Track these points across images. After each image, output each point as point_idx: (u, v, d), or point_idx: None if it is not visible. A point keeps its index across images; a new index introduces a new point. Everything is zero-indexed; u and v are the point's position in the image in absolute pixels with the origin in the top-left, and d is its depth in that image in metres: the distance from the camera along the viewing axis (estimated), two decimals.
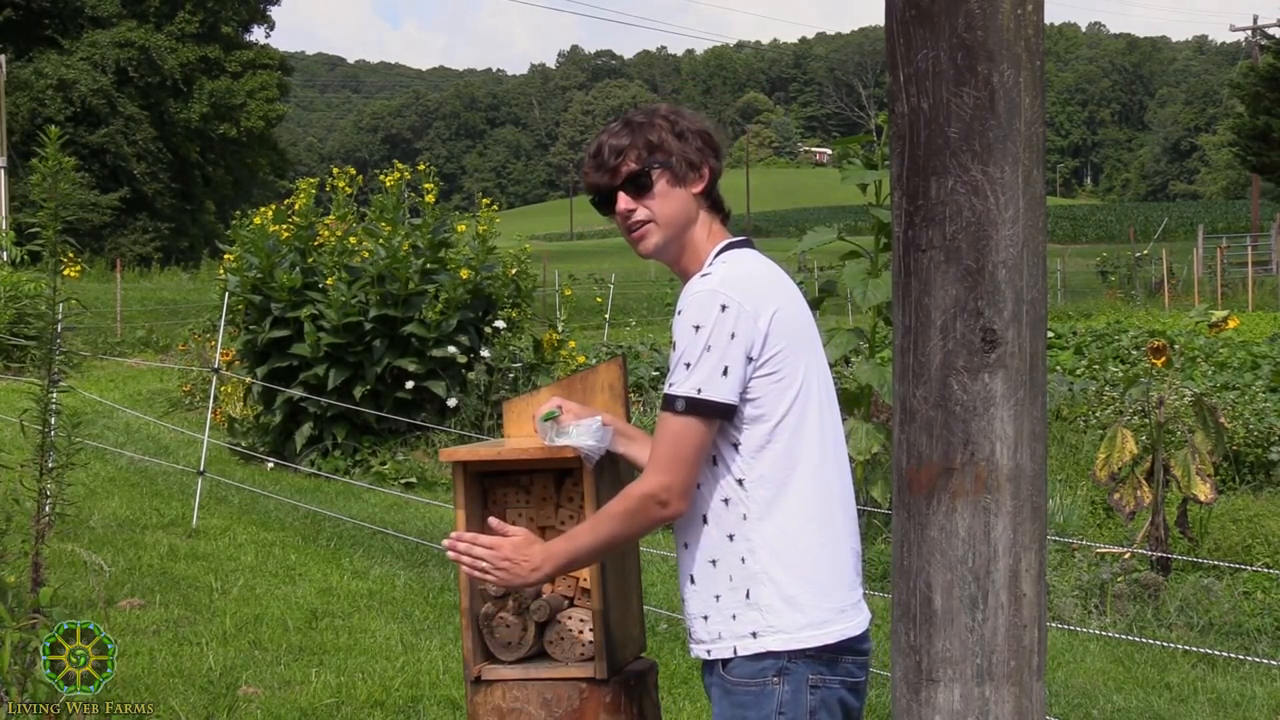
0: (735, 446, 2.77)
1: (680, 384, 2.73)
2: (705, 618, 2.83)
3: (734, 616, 2.79)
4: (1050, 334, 17.68)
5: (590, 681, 2.96)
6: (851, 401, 8.04)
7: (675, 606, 7.51)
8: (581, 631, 3.03)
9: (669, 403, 2.74)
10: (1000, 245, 1.78)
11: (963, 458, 1.78)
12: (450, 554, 2.92)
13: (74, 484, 5.87)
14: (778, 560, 2.76)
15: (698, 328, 2.72)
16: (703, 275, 2.80)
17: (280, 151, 67.90)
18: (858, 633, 2.82)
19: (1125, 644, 6.89)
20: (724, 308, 2.71)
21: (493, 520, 2.94)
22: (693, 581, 2.85)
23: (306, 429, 12.16)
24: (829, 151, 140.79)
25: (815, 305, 7.48)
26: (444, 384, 11.97)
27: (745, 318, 2.72)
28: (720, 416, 2.73)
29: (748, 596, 2.77)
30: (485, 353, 12.09)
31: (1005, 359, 1.78)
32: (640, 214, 2.90)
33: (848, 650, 2.80)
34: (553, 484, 3.08)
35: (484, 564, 2.87)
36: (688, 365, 2.72)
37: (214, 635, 7.08)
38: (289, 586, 8.17)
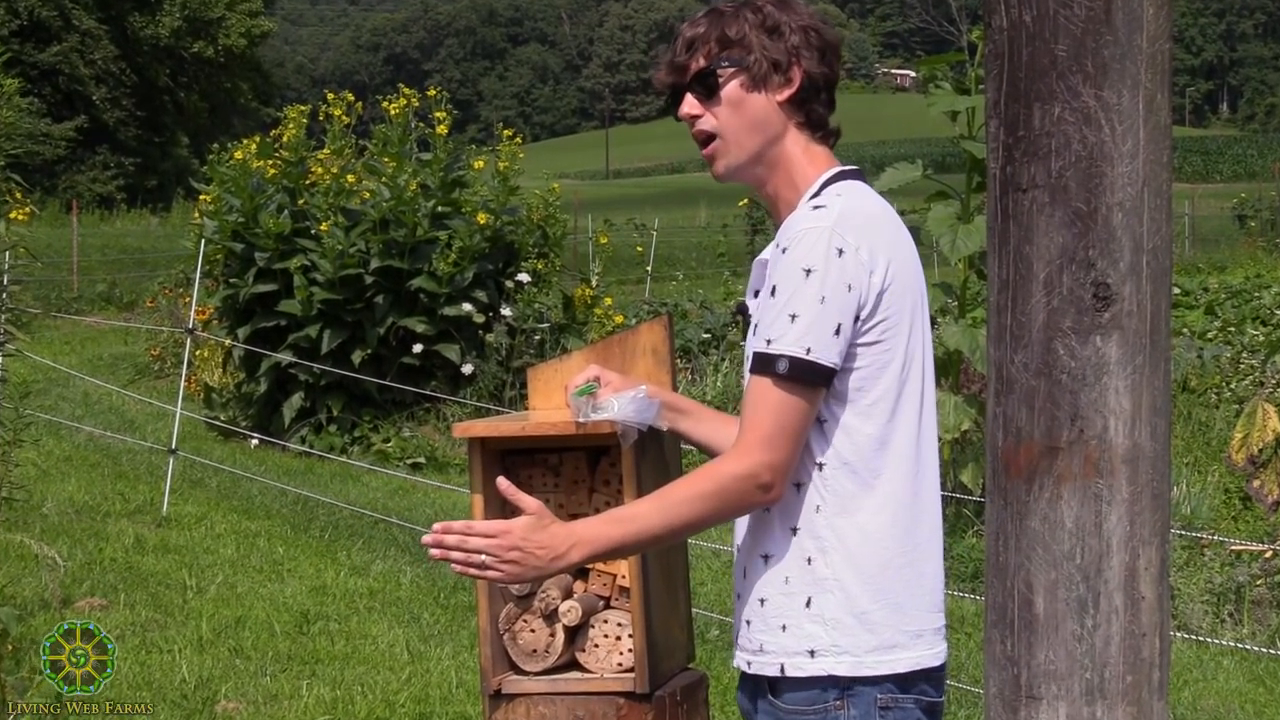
0: (820, 423, 2.65)
1: (784, 340, 2.58)
2: (748, 623, 2.76)
3: (784, 628, 2.69)
4: (1176, 290, 17.57)
5: (629, 696, 2.96)
6: (938, 370, 8.03)
7: (728, 609, 7.53)
8: (619, 638, 3.03)
9: (767, 363, 2.59)
10: (1116, 184, 1.77)
11: (1070, 435, 1.78)
12: (433, 553, 2.72)
13: (24, 464, 5.94)
14: (853, 566, 2.65)
15: (809, 271, 2.57)
16: (814, 206, 2.66)
17: (265, 74, 68.13)
18: (935, 664, 2.73)
19: (1266, 659, 6.87)
20: (840, 252, 2.58)
21: (501, 482, 2.76)
22: (744, 576, 2.78)
23: (296, 400, 12.24)
24: (912, 74, 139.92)
25: None
26: (458, 348, 12.03)
27: (862, 269, 2.59)
28: (825, 383, 2.60)
29: (809, 605, 2.67)
30: (506, 311, 12.13)
31: (1121, 319, 1.77)
32: (706, 123, 2.76)
33: (921, 675, 2.71)
34: (586, 464, 3.08)
35: (482, 558, 2.66)
36: (793, 317, 2.57)
37: (188, 641, 7.15)
38: (276, 584, 8.24)
